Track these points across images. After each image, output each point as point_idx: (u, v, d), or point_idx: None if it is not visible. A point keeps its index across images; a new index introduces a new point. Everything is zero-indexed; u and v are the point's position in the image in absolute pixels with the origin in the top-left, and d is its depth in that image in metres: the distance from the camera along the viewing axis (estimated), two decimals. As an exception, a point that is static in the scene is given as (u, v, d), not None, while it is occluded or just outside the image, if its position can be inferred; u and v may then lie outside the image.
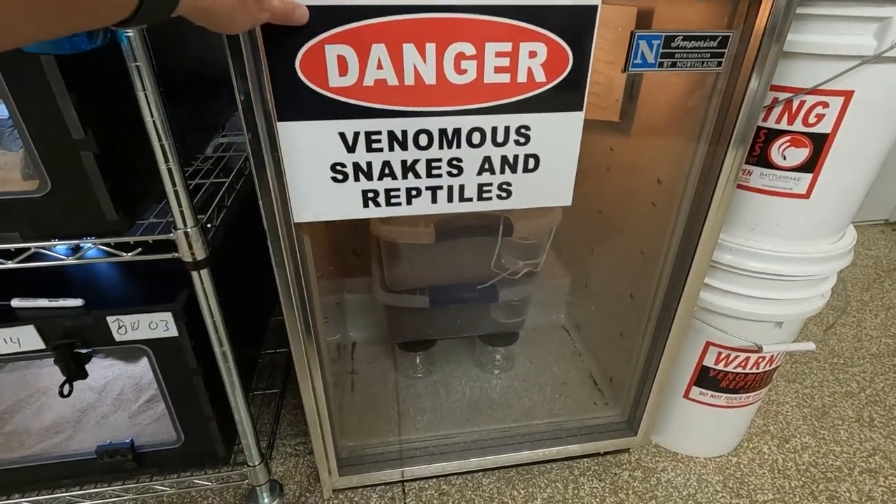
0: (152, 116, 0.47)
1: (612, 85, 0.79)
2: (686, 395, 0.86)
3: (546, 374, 0.98)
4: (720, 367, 0.80)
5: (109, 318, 0.59)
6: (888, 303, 1.35)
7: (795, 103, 0.60)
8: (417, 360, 0.96)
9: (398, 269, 0.80)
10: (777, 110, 0.61)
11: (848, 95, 0.57)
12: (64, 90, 0.46)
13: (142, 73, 0.45)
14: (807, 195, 0.64)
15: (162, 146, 0.48)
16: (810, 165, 0.62)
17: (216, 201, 0.62)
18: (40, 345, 0.59)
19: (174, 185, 0.50)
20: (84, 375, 0.62)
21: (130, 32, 0.43)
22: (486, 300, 0.82)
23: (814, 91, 0.58)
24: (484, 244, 0.78)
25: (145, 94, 0.46)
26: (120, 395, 0.84)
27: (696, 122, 0.62)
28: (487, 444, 0.85)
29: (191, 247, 0.54)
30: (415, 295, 0.81)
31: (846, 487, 0.87)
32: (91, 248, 0.54)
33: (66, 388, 0.62)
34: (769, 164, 0.64)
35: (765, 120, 0.62)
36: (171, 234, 0.53)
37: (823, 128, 0.60)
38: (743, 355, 0.78)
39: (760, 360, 0.78)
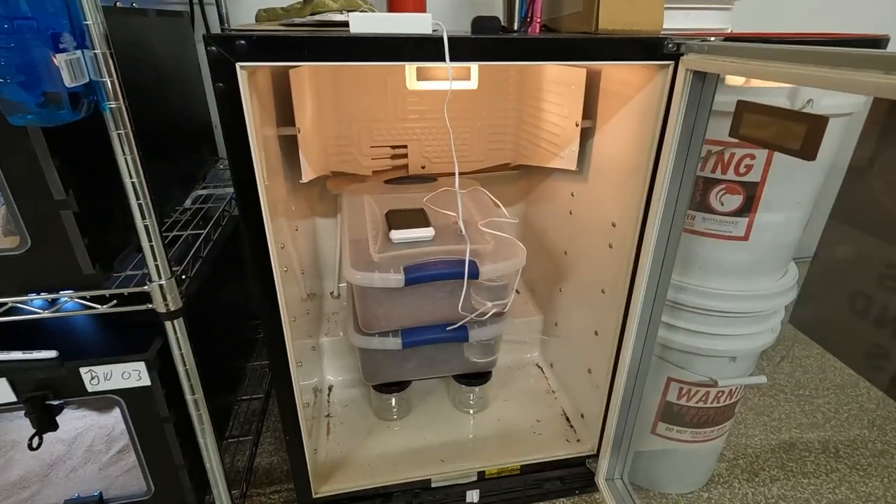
0: (132, 178, 0.50)
1: (569, 137, 0.85)
2: (653, 431, 0.88)
3: (520, 411, 0.99)
4: (683, 402, 0.83)
5: (82, 370, 0.60)
6: (850, 333, 1.40)
7: (726, 155, 0.66)
8: (393, 402, 0.97)
9: (370, 313, 0.83)
10: (711, 161, 0.67)
11: (771, 150, 0.63)
12: (47, 154, 0.50)
13: (123, 140, 0.49)
14: (745, 237, 0.69)
15: (139, 205, 0.51)
16: (745, 210, 0.68)
17: (192, 253, 0.65)
18: (12, 398, 0.60)
19: (150, 240, 0.53)
20: (54, 427, 0.63)
21: (113, 103, 0.47)
22: (457, 340, 0.85)
23: (740, 144, 0.64)
24: (452, 286, 0.81)
25: (125, 158, 0.49)
26: (91, 446, 0.84)
27: (640, 171, 0.67)
28: (462, 487, 0.86)
29: (165, 298, 0.56)
30: (387, 337, 0.83)
31: (813, 519, 0.89)
32: (67, 302, 0.56)
33: (35, 441, 0.62)
34: (709, 210, 0.70)
35: (702, 169, 0.68)
36: (146, 287, 0.55)
37: (753, 176, 0.66)
38: (703, 390, 0.81)
39: (720, 394, 0.82)
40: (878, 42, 0.58)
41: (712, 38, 0.55)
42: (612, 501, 0.83)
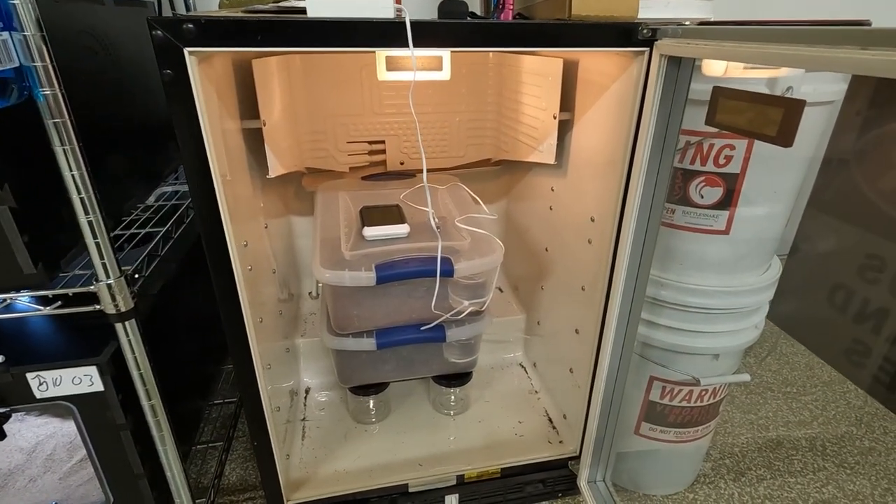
0: (71, 170, 0.47)
1: (547, 130, 0.82)
2: (636, 432, 0.86)
3: (502, 413, 0.97)
4: (665, 401, 0.81)
5: (29, 375, 0.57)
6: (837, 329, 1.39)
7: (706, 146, 0.64)
8: (371, 405, 0.94)
9: (343, 313, 0.80)
10: (690, 152, 0.65)
11: (752, 140, 0.61)
12: (-21, 146, 0.46)
13: (60, 129, 0.45)
14: (726, 231, 0.67)
15: (81, 199, 0.48)
16: (726, 203, 0.66)
17: (147, 251, 0.62)
18: (-48, 405, 0.56)
19: (94, 237, 0.50)
20: (1, 436, 0.59)
21: (47, 90, 0.44)
22: (434, 340, 0.82)
23: (719, 135, 0.62)
24: (429, 285, 0.79)
25: (64, 150, 0.46)
26: (52, 455, 0.80)
27: (617, 163, 0.65)
28: (441, 492, 0.83)
29: (114, 298, 0.53)
30: (361, 338, 0.80)
31: (800, 519, 0.87)
32: (13, 303, 0.53)
33: (-20, 451, 0.59)
34: (689, 203, 0.67)
35: (680, 161, 0.66)
36: (93, 287, 0.52)
37: (733, 168, 0.63)
38: (686, 389, 0.79)
39: (703, 392, 0.80)
40: (859, 25, 0.56)
41: (687, 22, 0.53)
42: (594, 502, 0.81)
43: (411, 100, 0.67)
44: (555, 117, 0.79)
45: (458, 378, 0.93)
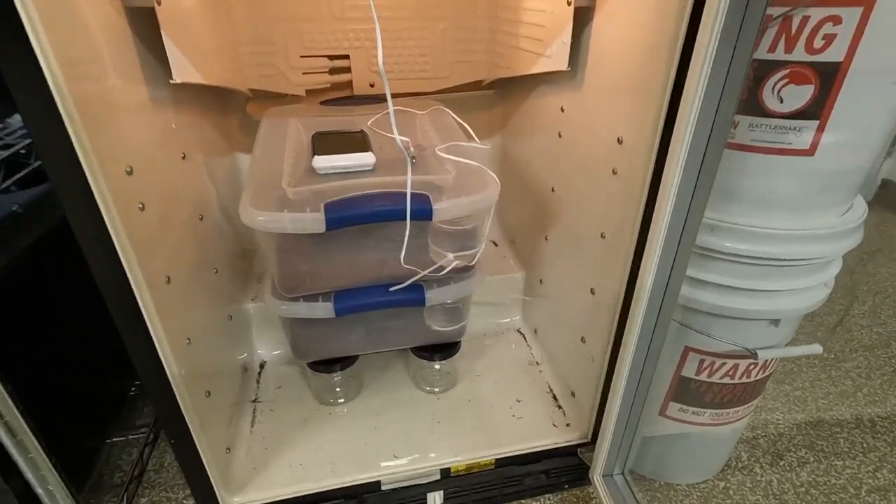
0: None
1: (558, 24, 0.62)
2: (662, 413, 0.70)
3: (496, 389, 0.80)
4: (703, 377, 0.64)
5: None
6: (875, 287, 1.23)
7: (796, 22, 0.43)
8: (336, 382, 0.77)
9: (289, 270, 0.61)
10: (771, 33, 0.45)
11: (868, 5, 0.41)
12: None
13: None
14: (810, 151, 0.48)
15: None
16: (816, 109, 0.46)
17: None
18: None
19: None
20: None
21: None
22: (410, 304, 0.64)
23: (821, 1, 0.42)
24: (402, 232, 0.60)
25: None
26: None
27: (662, 56, 0.45)
28: (422, 489, 0.68)
29: None
30: (316, 302, 0.62)
31: (854, 512, 0.73)
32: None
33: None
34: (760, 111, 0.48)
35: (754, 49, 0.46)
36: None
37: (834, 55, 0.44)
38: (731, 362, 0.62)
39: (752, 366, 0.63)
40: None
41: None
42: (610, 501, 0.65)
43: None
44: (569, 3, 0.58)
45: (444, 349, 0.76)
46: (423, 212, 0.54)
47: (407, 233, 0.54)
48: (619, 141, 0.55)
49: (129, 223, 0.43)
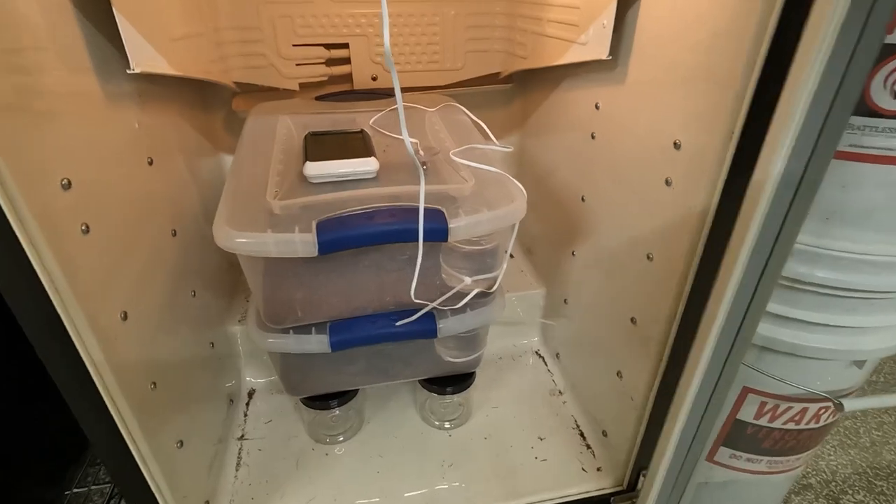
0: None
1: (596, 5, 0.52)
2: (711, 458, 0.61)
3: (515, 424, 0.71)
4: (762, 422, 0.55)
5: None
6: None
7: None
8: (333, 417, 0.67)
9: (276, 298, 0.52)
10: (891, 9, 0.35)
11: None
12: None
13: None
14: (928, 158, 0.38)
15: None
16: (942, 106, 0.36)
17: None
18: None
19: None
20: None
21: None
22: (419, 336, 0.55)
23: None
24: (412, 253, 0.51)
25: None
26: None
27: (745, 37, 0.35)
28: (430, 546, 0.59)
29: None
30: (308, 335, 0.52)
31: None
32: None
33: None
34: (867, 110, 0.38)
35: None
36: None
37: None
38: (799, 406, 0.53)
39: (823, 411, 0.53)
40: None
41: None
42: (652, 564, 0.56)
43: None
44: (614, -24, 0.48)
45: (457, 380, 0.67)
46: (436, 232, 0.44)
47: (419, 258, 0.44)
48: (676, 145, 0.45)
49: (64, 249, 0.34)
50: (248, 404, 0.74)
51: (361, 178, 0.50)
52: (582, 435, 0.69)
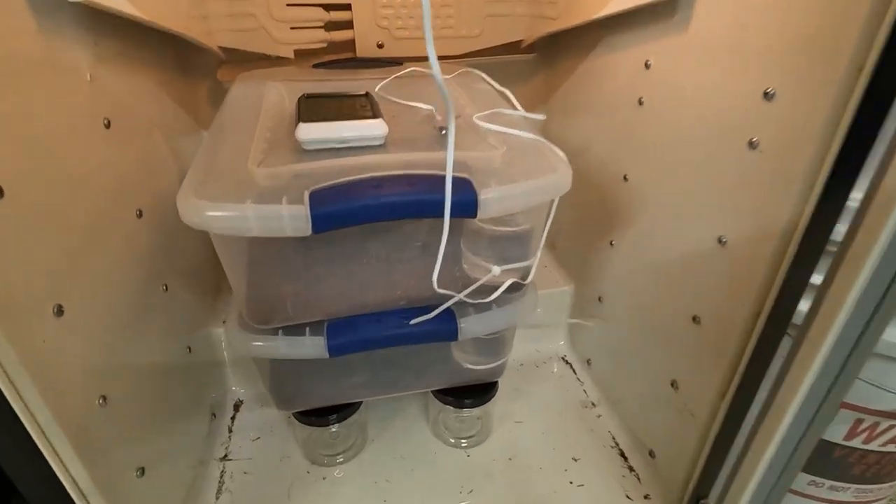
0: None
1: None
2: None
3: (545, 443, 0.61)
4: (856, 443, 0.45)
5: None
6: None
7: None
8: (334, 432, 0.58)
9: (259, 291, 0.42)
10: None
11: None
12: None
13: None
14: None
15: None
16: None
17: None
18: None
19: None
20: None
21: None
22: (436, 339, 0.45)
23: None
24: (427, 236, 0.41)
25: None
26: None
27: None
28: None
29: None
30: (301, 336, 0.43)
31: None
32: None
33: None
34: None
35: None
36: None
37: None
38: (905, 425, 0.43)
39: (933, 430, 0.43)
40: None
41: None
42: None
43: None
44: None
45: (477, 391, 0.57)
46: (463, 206, 0.35)
47: (444, 237, 0.35)
48: (768, 95, 0.35)
49: None
50: (233, 418, 0.64)
51: (366, 145, 0.41)
52: (622, 455, 0.59)
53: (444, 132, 0.43)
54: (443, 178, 0.34)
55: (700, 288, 0.45)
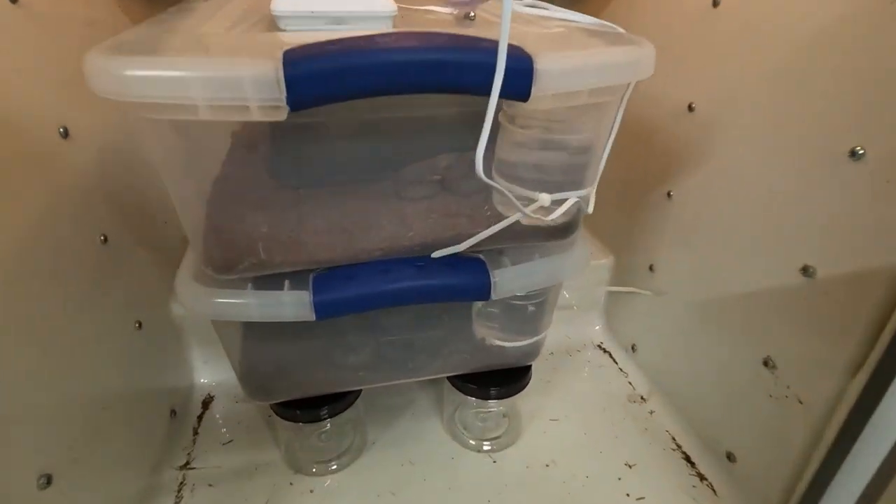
0: None
1: None
2: (918, 497, 0.38)
3: (590, 445, 0.49)
4: None
5: None
6: None
7: None
8: (326, 431, 0.45)
9: (219, 221, 0.30)
10: None
11: None
12: None
13: None
14: None
15: None
16: None
17: None
18: None
19: None
20: None
21: None
22: (462, 297, 0.33)
23: None
24: (439, 172, 0.30)
25: None
26: None
27: None
28: None
29: None
30: (278, 291, 0.31)
31: None
32: None
33: None
34: None
35: None
36: None
37: None
38: None
39: None
40: None
41: None
42: None
43: None
44: None
45: (504, 380, 0.45)
46: (516, 74, 0.23)
47: (492, 107, 0.23)
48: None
49: None
50: (200, 417, 0.51)
51: (370, 17, 0.29)
52: (688, 459, 0.47)
53: (472, 16, 0.32)
54: (485, 41, 0.23)
55: (811, 230, 0.34)
